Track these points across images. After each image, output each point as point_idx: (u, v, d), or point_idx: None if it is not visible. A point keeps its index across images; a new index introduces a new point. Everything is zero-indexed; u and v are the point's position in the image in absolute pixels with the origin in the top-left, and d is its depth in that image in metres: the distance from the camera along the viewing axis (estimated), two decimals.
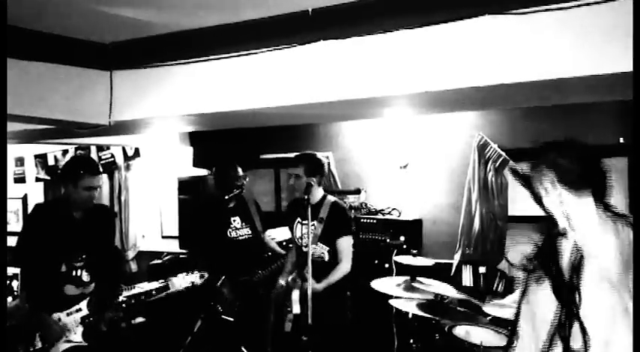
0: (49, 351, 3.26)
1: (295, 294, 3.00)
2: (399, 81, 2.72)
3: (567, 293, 1.67)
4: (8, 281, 2.99)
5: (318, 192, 3.70)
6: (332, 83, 2.89)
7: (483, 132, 4.75)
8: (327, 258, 3.58)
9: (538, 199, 1.72)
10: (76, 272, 3.45)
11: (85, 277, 3.49)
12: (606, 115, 4.25)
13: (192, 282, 3.53)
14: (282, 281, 3.75)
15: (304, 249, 3.60)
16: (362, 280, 3.81)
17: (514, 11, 2.42)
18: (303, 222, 3.67)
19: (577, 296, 1.66)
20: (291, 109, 3.24)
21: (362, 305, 3.81)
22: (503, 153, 4.61)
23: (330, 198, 3.75)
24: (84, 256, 3.48)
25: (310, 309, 3.00)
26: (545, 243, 1.77)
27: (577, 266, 1.68)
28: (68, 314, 3.33)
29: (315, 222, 3.62)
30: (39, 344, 3.25)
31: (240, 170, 4.24)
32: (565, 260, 1.72)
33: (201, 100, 3.32)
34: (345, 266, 3.59)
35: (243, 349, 4.03)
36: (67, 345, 3.30)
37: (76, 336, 3.32)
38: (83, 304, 3.37)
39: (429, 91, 2.70)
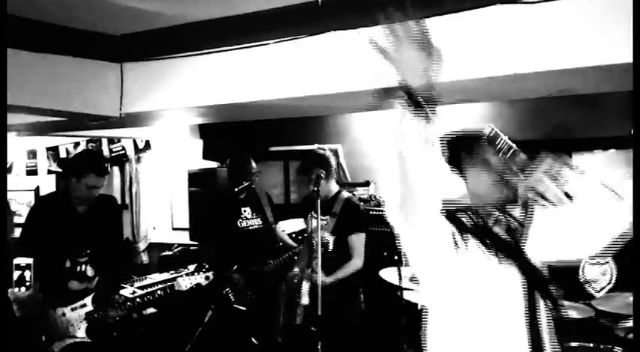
0: (52, 347, 3.20)
1: (305, 286, 3.02)
2: None
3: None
4: (21, 272, 2.99)
5: (332, 187, 3.70)
6: (341, 74, 2.89)
7: (493, 123, 4.71)
8: (330, 247, 3.56)
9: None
10: (81, 268, 3.38)
11: (90, 272, 3.42)
12: (617, 106, 4.21)
13: (198, 283, 3.49)
14: (295, 273, 3.75)
15: (315, 242, 3.62)
16: (371, 272, 3.81)
17: (524, 0, 2.40)
18: (316, 215, 3.68)
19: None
20: (301, 101, 3.24)
21: (371, 297, 3.81)
22: (513, 145, 4.57)
23: (345, 194, 3.75)
24: (88, 251, 3.41)
25: (320, 300, 3.01)
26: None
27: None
28: (72, 310, 3.28)
29: (328, 217, 3.62)
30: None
31: (253, 163, 4.26)
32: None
33: (211, 92, 3.33)
34: (356, 263, 3.58)
35: (253, 339, 4.06)
36: (70, 341, 3.25)
37: (80, 332, 3.27)
38: (88, 300, 3.31)
39: (439, 82, 2.68)
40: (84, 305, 3.30)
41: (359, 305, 3.71)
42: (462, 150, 1.83)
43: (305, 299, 3.12)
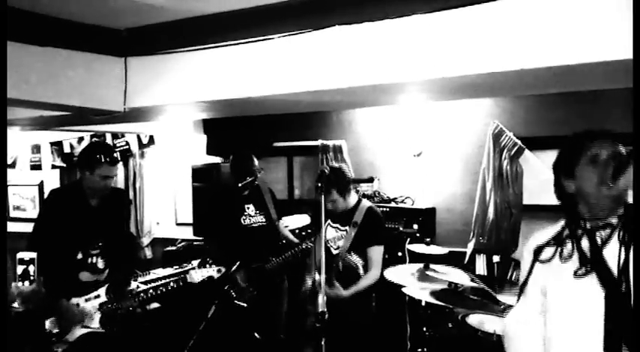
0: (66, 336, 3.30)
1: (321, 298, 3.01)
2: (415, 67, 2.69)
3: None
4: (25, 266, 3.01)
5: (351, 199, 3.65)
6: (346, 69, 2.87)
7: (499, 120, 4.71)
8: (361, 271, 3.54)
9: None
10: (92, 260, 3.48)
11: (101, 264, 3.52)
12: (624, 102, 4.18)
13: (210, 276, 3.56)
14: (309, 282, 3.71)
15: (333, 252, 3.60)
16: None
17: None
18: (334, 225, 3.66)
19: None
20: (305, 96, 3.22)
21: (381, 298, 3.79)
22: (518, 142, 4.57)
23: (366, 203, 3.68)
24: (100, 244, 3.51)
25: (325, 300, 2.99)
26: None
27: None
28: (87, 300, 3.37)
29: (347, 227, 3.58)
30: (54, 330, 3.29)
31: (256, 161, 4.25)
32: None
33: (215, 87, 3.31)
34: (374, 274, 3.54)
35: (255, 335, 4.06)
36: (84, 331, 3.34)
37: (94, 322, 3.35)
38: (102, 291, 3.40)
39: (446, 77, 2.67)
40: (98, 296, 3.38)
41: (371, 307, 3.68)
42: (572, 154, 1.81)
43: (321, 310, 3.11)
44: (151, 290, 3.48)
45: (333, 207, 3.56)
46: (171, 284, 3.50)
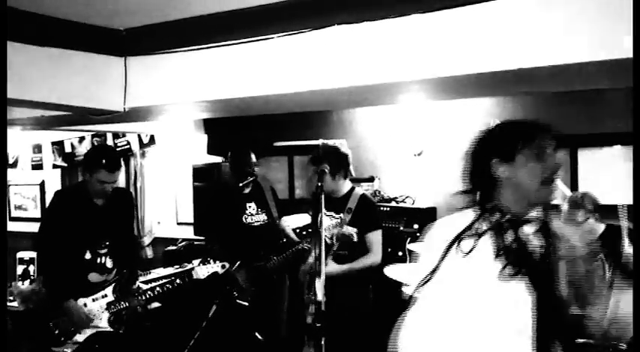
0: (75, 337, 3.32)
1: (319, 282, 3.00)
2: (415, 66, 2.69)
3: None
4: (25, 266, 3.02)
5: (344, 185, 3.68)
6: (346, 69, 2.87)
7: (499, 119, 4.69)
8: (355, 239, 3.52)
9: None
10: (101, 260, 3.50)
11: (109, 264, 3.54)
12: (624, 102, 4.17)
13: (215, 272, 3.61)
14: (308, 265, 3.71)
15: (328, 242, 3.60)
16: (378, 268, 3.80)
17: None
18: (328, 213, 3.66)
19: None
20: (306, 95, 3.22)
21: (375, 292, 3.80)
22: None
23: (358, 190, 3.71)
24: (107, 243, 3.53)
25: (324, 296, 2.98)
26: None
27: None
28: (94, 300, 3.40)
29: (342, 214, 3.59)
30: (62, 330, 3.30)
31: (253, 156, 4.25)
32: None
33: (215, 86, 3.32)
34: (374, 258, 3.56)
35: (257, 334, 4.06)
36: (92, 331, 3.36)
37: (101, 322, 3.38)
38: (109, 290, 3.42)
39: (446, 76, 2.67)
40: (105, 296, 3.41)
41: (369, 301, 3.69)
42: (520, 139, 1.64)
43: (320, 295, 3.12)
44: (157, 288, 3.52)
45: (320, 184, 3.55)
46: (177, 281, 3.53)
